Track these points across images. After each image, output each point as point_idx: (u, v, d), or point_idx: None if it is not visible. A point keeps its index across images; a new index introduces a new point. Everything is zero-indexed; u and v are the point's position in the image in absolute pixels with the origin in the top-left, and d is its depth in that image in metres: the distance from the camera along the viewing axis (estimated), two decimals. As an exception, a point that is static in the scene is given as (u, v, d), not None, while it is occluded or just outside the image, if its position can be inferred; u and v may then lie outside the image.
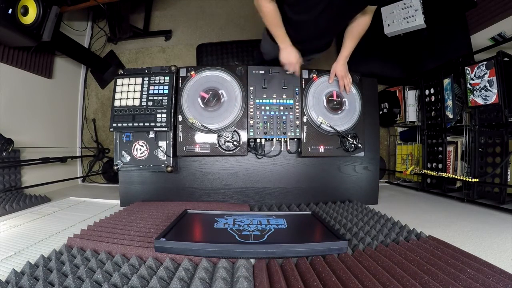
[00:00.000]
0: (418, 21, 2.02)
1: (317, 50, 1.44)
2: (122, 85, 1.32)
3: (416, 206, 1.52)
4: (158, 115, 1.27)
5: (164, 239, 0.75)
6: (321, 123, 1.30)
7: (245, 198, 1.40)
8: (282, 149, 1.37)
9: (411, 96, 2.06)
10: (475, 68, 1.45)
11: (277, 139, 1.33)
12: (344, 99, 1.36)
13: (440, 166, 1.71)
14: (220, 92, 1.29)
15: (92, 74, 2.57)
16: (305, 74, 1.35)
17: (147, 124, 1.27)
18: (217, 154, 1.30)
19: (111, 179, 2.35)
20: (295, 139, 1.34)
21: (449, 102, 1.66)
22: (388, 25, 2.16)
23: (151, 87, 1.30)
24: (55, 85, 2.16)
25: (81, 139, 2.48)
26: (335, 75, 1.32)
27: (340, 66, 1.29)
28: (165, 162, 1.30)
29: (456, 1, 2.09)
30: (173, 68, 1.32)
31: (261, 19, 1.14)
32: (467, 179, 1.42)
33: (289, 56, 1.19)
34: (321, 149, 1.32)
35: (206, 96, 1.28)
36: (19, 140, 1.62)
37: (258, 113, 1.30)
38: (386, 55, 2.24)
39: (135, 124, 1.27)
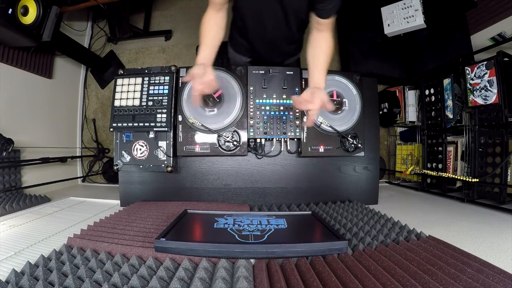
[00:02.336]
0: (418, 21, 2.03)
1: (285, 55, 1.36)
2: (122, 85, 1.32)
3: (416, 206, 1.52)
4: (158, 115, 1.27)
5: (164, 239, 0.75)
6: (321, 123, 1.30)
7: (245, 198, 1.40)
8: (282, 149, 1.37)
9: (411, 96, 2.06)
10: (475, 68, 1.45)
11: (277, 139, 1.33)
12: (344, 99, 1.36)
13: (440, 166, 1.71)
14: (220, 92, 1.29)
15: (92, 74, 2.57)
16: (305, 74, 1.34)
17: (147, 124, 1.27)
18: (217, 154, 1.30)
19: (111, 179, 2.35)
20: (295, 139, 1.34)
21: (449, 102, 1.66)
22: (388, 25, 2.16)
23: (151, 87, 1.30)
24: (55, 85, 2.16)
25: (81, 139, 2.48)
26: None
27: (321, 92, 0.95)
28: (165, 162, 1.29)
29: (456, 1, 2.10)
30: (173, 68, 1.32)
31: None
32: (467, 179, 1.42)
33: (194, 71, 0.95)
34: (321, 149, 1.32)
35: (220, 92, 1.27)
36: (19, 140, 1.62)
37: (258, 113, 1.30)
38: (386, 55, 2.24)
39: (135, 124, 1.27)
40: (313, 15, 0.96)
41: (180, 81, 1.32)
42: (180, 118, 1.29)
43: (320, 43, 1.00)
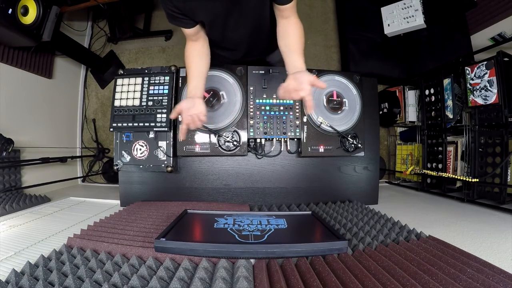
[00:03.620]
0: (418, 21, 2.03)
1: (263, 53, 1.32)
2: (122, 85, 1.32)
3: (416, 206, 1.52)
4: (158, 115, 1.27)
5: (164, 239, 0.75)
6: (321, 123, 1.31)
7: (245, 198, 1.40)
8: (282, 149, 1.37)
9: (411, 96, 2.06)
10: (475, 68, 1.45)
11: (277, 139, 1.33)
12: (344, 99, 1.36)
13: (440, 166, 1.71)
14: (220, 92, 1.29)
15: (92, 74, 2.57)
16: (305, 74, 1.35)
17: (147, 124, 1.27)
18: (217, 154, 1.30)
19: (111, 179, 2.35)
20: (295, 139, 1.34)
21: (449, 102, 1.66)
22: (388, 25, 2.16)
23: (151, 87, 1.30)
24: (55, 85, 2.16)
25: (81, 139, 2.48)
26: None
27: (305, 74, 0.90)
28: (165, 162, 1.29)
29: (456, 1, 2.10)
30: (173, 68, 1.32)
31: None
32: (467, 179, 1.42)
33: (194, 105, 0.97)
34: (321, 149, 1.32)
35: (207, 95, 1.28)
36: (19, 140, 1.62)
37: (258, 113, 1.30)
38: (386, 55, 2.24)
39: (135, 124, 1.27)
40: (275, 5, 0.93)
41: (179, 81, 1.32)
42: (180, 118, 1.28)
43: (289, 30, 0.95)
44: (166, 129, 1.26)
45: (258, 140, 1.32)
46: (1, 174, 1.57)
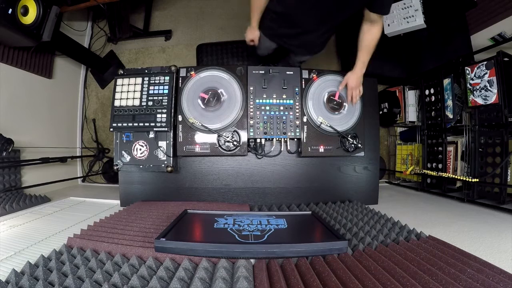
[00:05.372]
0: (418, 21, 2.02)
1: (309, 50, 1.45)
2: (122, 85, 1.32)
3: (416, 206, 1.52)
4: (158, 115, 1.27)
5: (164, 239, 0.75)
6: (321, 123, 1.31)
7: (245, 198, 1.40)
8: (282, 149, 1.37)
9: (411, 96, 2.06)
10: (475, 68, 1.45)
11: (277, 139, 1.33)
12: (344, 99, 1.35)
13: (440, 166, 1.71)
14: (220, 92, 1.29)
15: (92, 74, 2.57)
16: (305, 74, 1.35)
17: (147, 124, 1.27)
18: (217, 154, 1.30)
19: (111, 179, 2.35)
20: (295, 139, 1.34)
21: (449, 102, 1.66)
22: (388, 25, 2.15)
23: (151, 87, 1.30)
24: (55, 85, 2.16)
25: (81, 139, 2.48)
26: (346, 84, 1.30)
27: (353, 76, 1.28)
28: (165, 162, 1.29)
29: (456, 1, 2.09)
30: (173, 68, 1.32)
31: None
32: (467, 179, 1.42)
33: (251, 33, 1.35)
34: (321, 149, 1.32)
35: (206, 96, 1.28)
36: (19, 140, 1.62)
37: (258, 113, 1.30)
38: (386, 55, 2.24)
39: (135, 124, 1.27)
40: (367, 11, 1.09)
41: (179, 81, 1.32)
42: (180, 118, 1.29)
43: (368, 36, 1.22)
44: (166, 129, 1.26)
45: (258, 140, 1.32)
46: (1, 174, 1.57)
